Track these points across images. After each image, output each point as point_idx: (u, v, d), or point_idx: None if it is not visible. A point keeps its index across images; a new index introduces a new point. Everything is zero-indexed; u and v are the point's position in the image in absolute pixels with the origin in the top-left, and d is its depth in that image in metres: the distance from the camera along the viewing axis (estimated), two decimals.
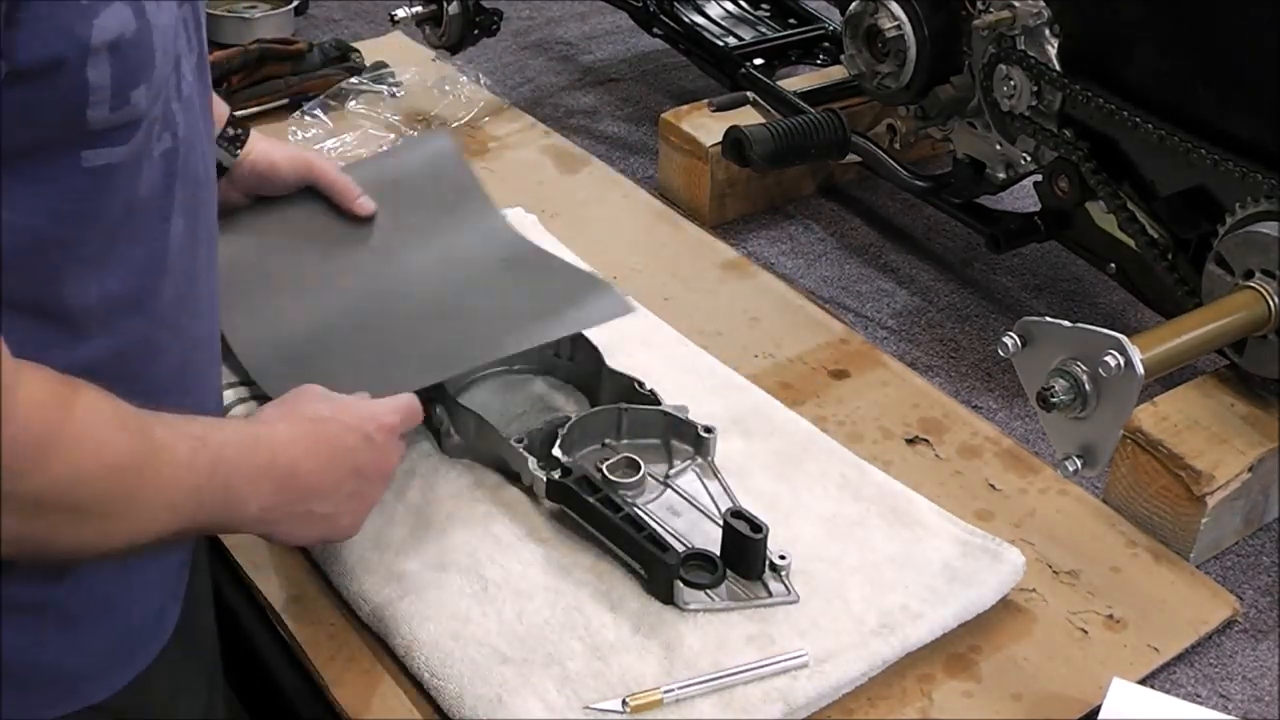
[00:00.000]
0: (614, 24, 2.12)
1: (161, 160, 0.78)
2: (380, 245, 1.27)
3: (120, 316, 0.78)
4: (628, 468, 1.10)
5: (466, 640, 0.99)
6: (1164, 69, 1.26)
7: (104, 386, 0.75)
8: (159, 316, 0.82)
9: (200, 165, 0.85)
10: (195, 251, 0.85)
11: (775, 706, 0.95)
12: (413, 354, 1.18)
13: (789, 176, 1.65)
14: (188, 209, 0.83)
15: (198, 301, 0.87)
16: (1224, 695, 1.05)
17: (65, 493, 0.72)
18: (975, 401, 1.35)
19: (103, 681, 0.85)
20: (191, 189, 0.83)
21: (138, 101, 0.72)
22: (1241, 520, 1.18)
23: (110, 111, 0.71)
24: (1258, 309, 1.12)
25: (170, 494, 0.79)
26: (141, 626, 0.87)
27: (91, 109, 0.70)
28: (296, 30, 2.04)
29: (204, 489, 0.81)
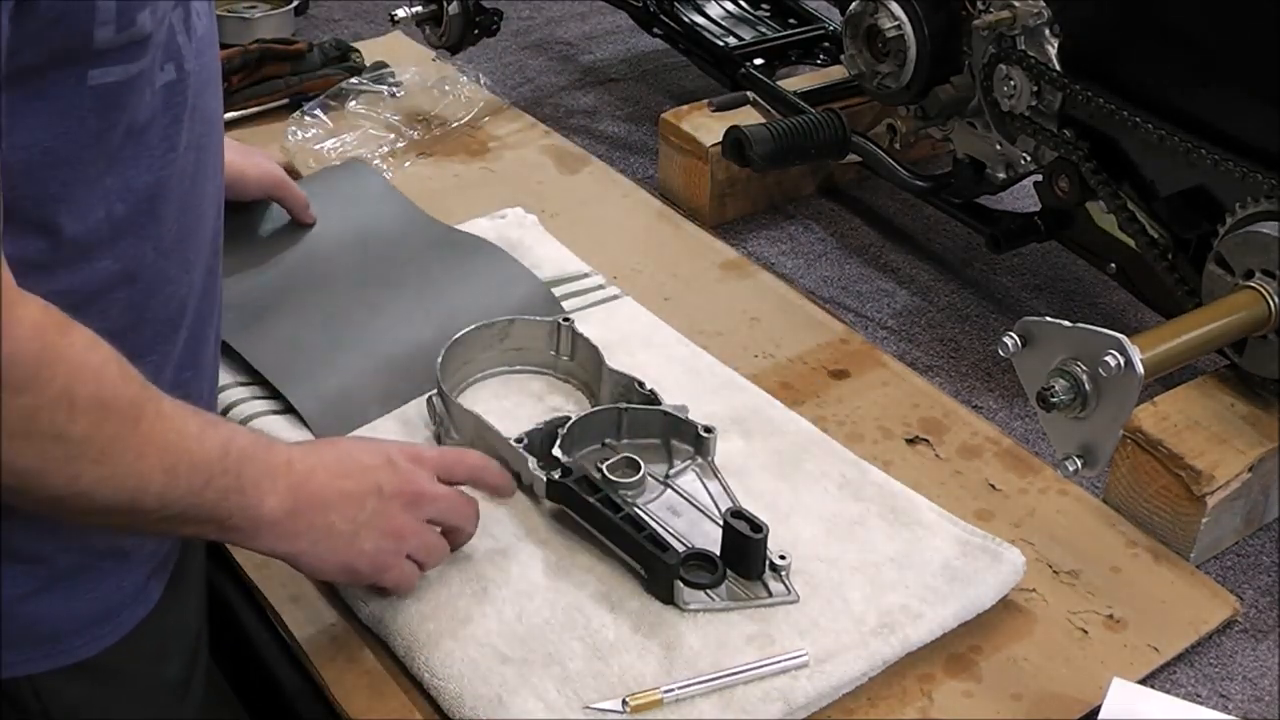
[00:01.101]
0: (614, 24, 2.12)
1: (164, 91, 0.79)
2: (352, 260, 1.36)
3: (124, 240, 0.79)
4: (628, 468, 1.10)
5: (466, 640, 0.99)
6: (1164, 68, 1.26)
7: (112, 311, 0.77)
8: (163, 246, 0.82)
9: (212, 104, 0.86)
10: (203, 189, 0.87)
11: (775, 706, 0.95)
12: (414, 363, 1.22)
13: (789, 176, 1.65)
14: (197, 145, 0.84)
15: (201, 240, 0.88)
16: (1224, 695, 1.05)
17: (57, 417, 0.72)
18: (975, 401, 1.35)
19: (89, 639, 0.85)
20: (202, 127, 0.84)
21: (143, 23, 0.74)
22: (1241, 520, 1.18)
23: (116, 32, 0.72)
24: (1258, 309, 1.12)
25: (169, 457, 0.78)
26: (131, 589, 0.87)
27: (99, 29, 0.71)
28: (296, 30, 2.04)
29: (214, 467, 0.81)
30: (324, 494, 0.90)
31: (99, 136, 0.76)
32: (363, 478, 0.92)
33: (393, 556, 0.95)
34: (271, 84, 1.69)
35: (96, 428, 0.74)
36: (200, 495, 0.81)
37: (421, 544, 0.97)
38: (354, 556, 0.92)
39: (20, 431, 0.71)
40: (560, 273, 1.40)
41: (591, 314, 1.33)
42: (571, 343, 1.24)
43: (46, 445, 0.72)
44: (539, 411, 1.20)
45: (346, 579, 0.96)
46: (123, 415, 0.75)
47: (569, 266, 1.41)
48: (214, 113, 0.88)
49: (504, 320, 1.25)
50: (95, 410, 0.74)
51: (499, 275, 1.34)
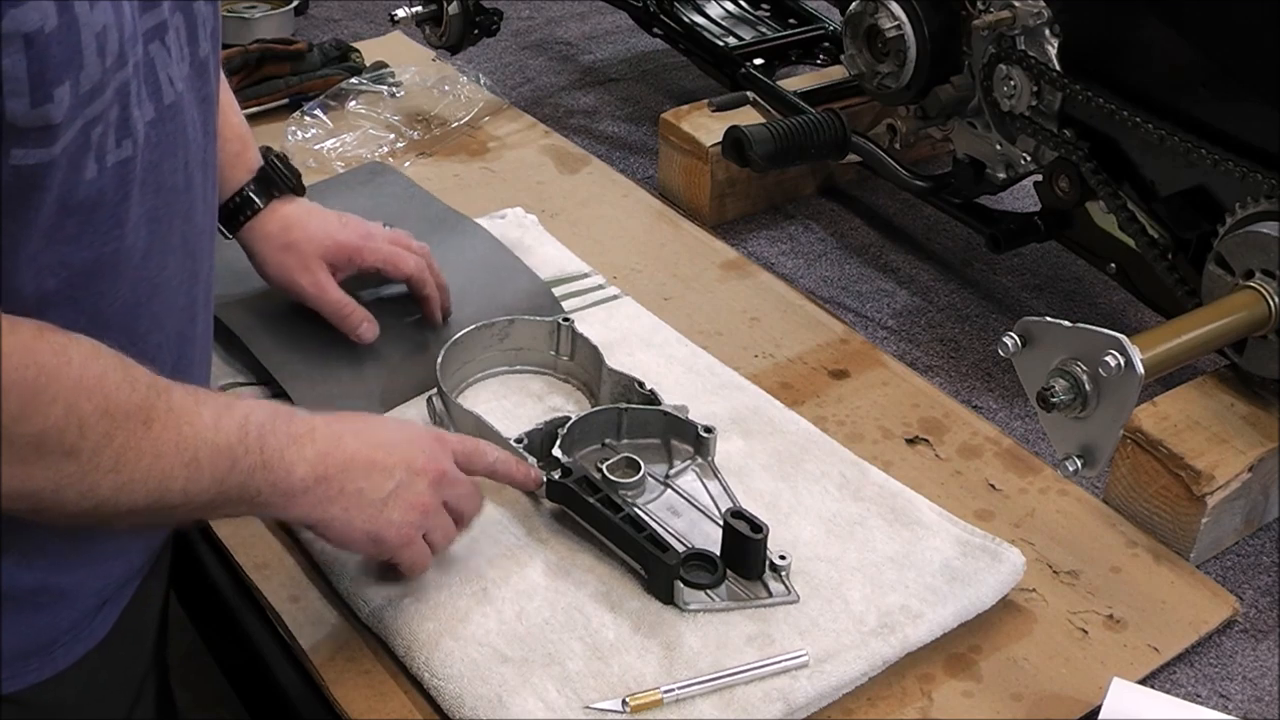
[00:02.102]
0: (614, 24, 2.12)
1: (117, 169, 0.76)
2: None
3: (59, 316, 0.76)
4: (628, 468, 1.10)
5: (466, 640, 0.99)
6: (1164, 68, 1.26)
7: None
8: (105, 321, 0.80)
9: (179, 175, 0.83)
10: (163, 262, 0.84)
11: (775, 706, 0.95)
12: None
13: (789, 176, 1.65)
14: (154, 219, 0.81)
15: (162, 309, 0.85)
16: (1224, 695, 1.05)
17: (66, 437, 0.71)
18: (975, 401, 1.35)
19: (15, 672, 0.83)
20: (165, 198, 0.81)
21: (61, 99, 0.70)
22: (1241, 520, 1.18)
23: (31, 107, 0.69)
24: (1258, 309, 1.12)
25: (187, 452, 0.78)
26: (68, 624, 0.85)
27: (8, 99, 0.68)
28: (296, 30, 2.04)
29: (235, 450, 0.81)
30: (354, 460, 0.89)
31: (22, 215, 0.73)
32: (393, 450, 0.92)
33: (415, 531, 0.95)
34: (271, 84, 1.69)
35: (107, 439, 0.73)
36: (225, 481, 0.81)
37: (439, 524, 0.97)
38: (382, 526, 0.92)
39: (30, 457, 0.71)
40: (560, 273, 1.40)
41: (591, 314, 1.33)
42: (571, 343, 1.24)
43: (59, 465, 0.72)
44: (539, 411, 1.20)
45: (371, 549, 0.95)
46: (132, 421, 0.75)
47: (569, 266, 1.41)
48: (182, 183, 0.84)
49: (504, 320, 1.25)
50: (103, 423, 0.73)
51: (500, 274, 1.34)
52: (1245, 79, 1.19)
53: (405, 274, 1.20)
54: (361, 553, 0.97)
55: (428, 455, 0.95)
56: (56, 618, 0.84)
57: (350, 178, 1.51)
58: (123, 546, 0.88)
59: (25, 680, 0.83)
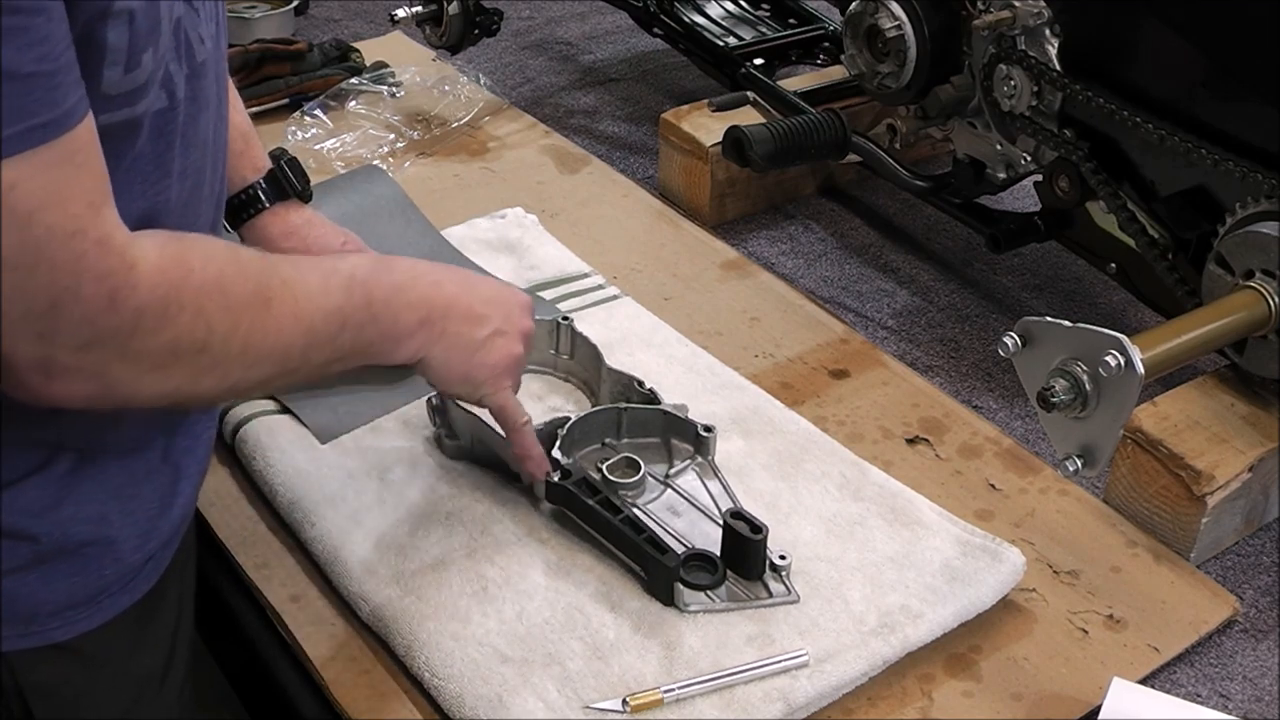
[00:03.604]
0: (614, 24, 2.12)
1: (154, 119, 0.80)
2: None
3: None
4: (628, 467, 1.10)
5: (466, 640, 0.99)
6: (1164, 68, 1.26)
7: None
8: None
9: (209, 130, 0.87)
10: (197, 212, 0.87)
11: (775, 706, 0.95)
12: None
13: (789, 176, 1.65)
14: (191, 172, 0.85)
15: None
16: (1224, 695, 1.05)
17: (195, 336, 0.77)
18: (975, 401, 1.35)
19: (65, 623, 0.85)
20: (197, 153, 0.85)
21: (146, 64, 0.75)
22: (1241, 520, 1.18)
23: (124, 73, 0.74)
24: (1258, 309, 1.12)
25: (304, 321, 0.84)
26: (115, 577, 0.88)
27: (108, 68, 0.73)
28: (296, 30, 2.04)
29: (345, 309, 0.87)
30: (454, 305, 0.95)
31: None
32: (490, 302, 0.98)
33: (506, 378, 1.01)
34: (271, 84, 1.69)
35: (233, 329, 0.79)
36: (339, 338, 0.87)
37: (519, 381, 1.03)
38: (476, 367, 0.98)
39: (167, 360, 0.77)
40: (560, 273, 1.40)
41: (591, 314, 1.33)
42: (571, 342, 1.24)
43: (193, 362, 0.78)
44: (539, 411, 1.20)
45: (464, 389, 1.01)
46: (252, 308, 0.81)
47: (569, 266, 1.41)
48: (211, 137, 0.88)
49: None
50: (227, 316, 0.79)
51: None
52: (1245, 79, 1.19)
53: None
54: (454, 393, 1.03)
55: (520, 313, 1.01)
56: (104, 570, 0.86)
57: (342, 181, 1.50)
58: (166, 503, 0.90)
59: (75, 629, 0.85)
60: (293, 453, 1.14)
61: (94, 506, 0.84)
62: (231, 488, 1.15)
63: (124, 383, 0.77)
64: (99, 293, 0.72)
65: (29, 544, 0.82)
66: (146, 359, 0.76)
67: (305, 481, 1.12)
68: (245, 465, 1.15)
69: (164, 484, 0.89)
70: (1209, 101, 1.21)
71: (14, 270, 0.69)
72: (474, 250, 1.42)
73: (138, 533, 0.88)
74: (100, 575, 0.86)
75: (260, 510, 1.13)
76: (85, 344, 0.73)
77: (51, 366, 0.73)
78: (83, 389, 0.75)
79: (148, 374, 0.77)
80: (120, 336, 0.74)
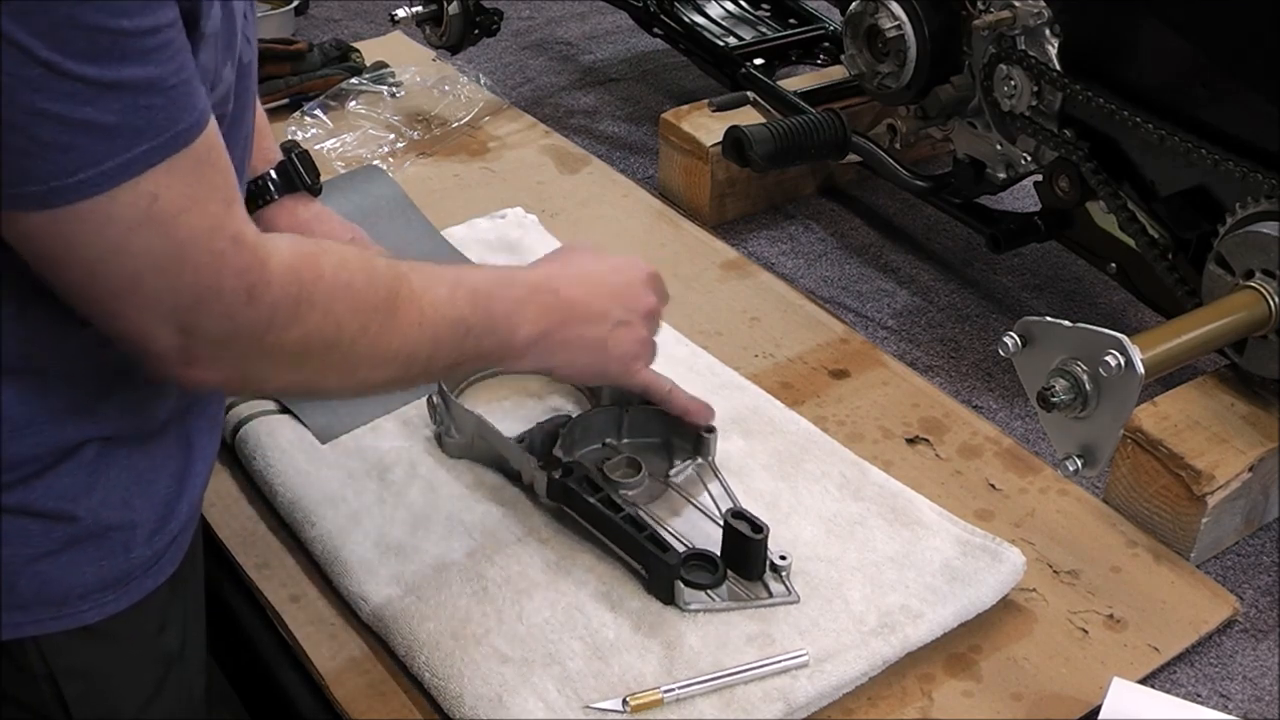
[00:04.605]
0: (614, 24, 2.13)
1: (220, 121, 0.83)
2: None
3: None
4: (628, 467, 1.10)
5: (466, 640, 0.99)
6: (1164, 68, 1.26)
7: None
8: None
9: (248, 127, 0.92)
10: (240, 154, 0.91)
11: (775, 706, 0.95)
12: None
13: (789, 176, 1.65)
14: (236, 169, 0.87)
15: None
16: (1224, 695, 1.05)
17: (325, 338, 0.82)
18: (975, 401, 1.35)
19: (95, 604, 0.86)
20: (239, 151, 0.88)
21: (226, 77, 0.80)
22: (1241, 520, 1.18)
23: (210, 90, 0.77)
24: (1258, 309, 1.12)
25: (429, 328, 0.88)
26: (141, 559, 0.89)
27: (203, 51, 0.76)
28: (296, 30, 2.04)
29: (468, 319, 0.91)
30: (573, 310, 1.00)
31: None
32: (610, 292, 1.03)
33: (635, 362, 1.06)
34: (271, 84, 1.69)
35: (362, 331, 0.84)
36: (461, 346, 0.91)
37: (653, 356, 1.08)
38: (605, 362, 1.03)
39: (298, 355, 0.81)
40: None
41: None
42: None
43: (322, 357, 0.83)
44: (539, 411, 1.20)
45: (599, 381, 1.10)
46: (380, 313, 0.85)
47: None
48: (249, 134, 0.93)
49: None
50: (356, 319, 0.83)
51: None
52: (1245, 79, 1.19)
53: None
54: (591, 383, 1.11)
55: (643, 293, 1.05)
56: (130, 552, 0.87)
57: (342, 181, 1.50)
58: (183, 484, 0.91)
59: (105, 610, 0.86)
60: (293, 453, 1.14)
61: (117, 490, 0.85)
62: (231, 488, 1.15)
63: (257, 373, 0.82)
64: (238, 287, 0.76)
65: (69, 524, 0.83)
66: (279, 352, 0.80)
67: (305, 481, 1.12)
68: (245, 465, 1.15)
69: (180, 466, 0.91)
70: (1209, 101, 1.21)
71: (161, 274, 0.73)
72: (474, 250, 1.42)
73: (156, 515, 0.89)
74: (126, 558, 0.87)
75: (260, 510, 1.13)
76: (224, 338, 0.77)
77: (192, 356, 0.77)
78: (219, 376, 0.80)
79: (279, 367, 0.82)
80: (257, 330, 0.78)
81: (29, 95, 0.66)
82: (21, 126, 0.67)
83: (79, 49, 0.66)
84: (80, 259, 0.72)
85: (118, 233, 0.71)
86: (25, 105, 0.66)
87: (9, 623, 0.83)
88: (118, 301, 0.74)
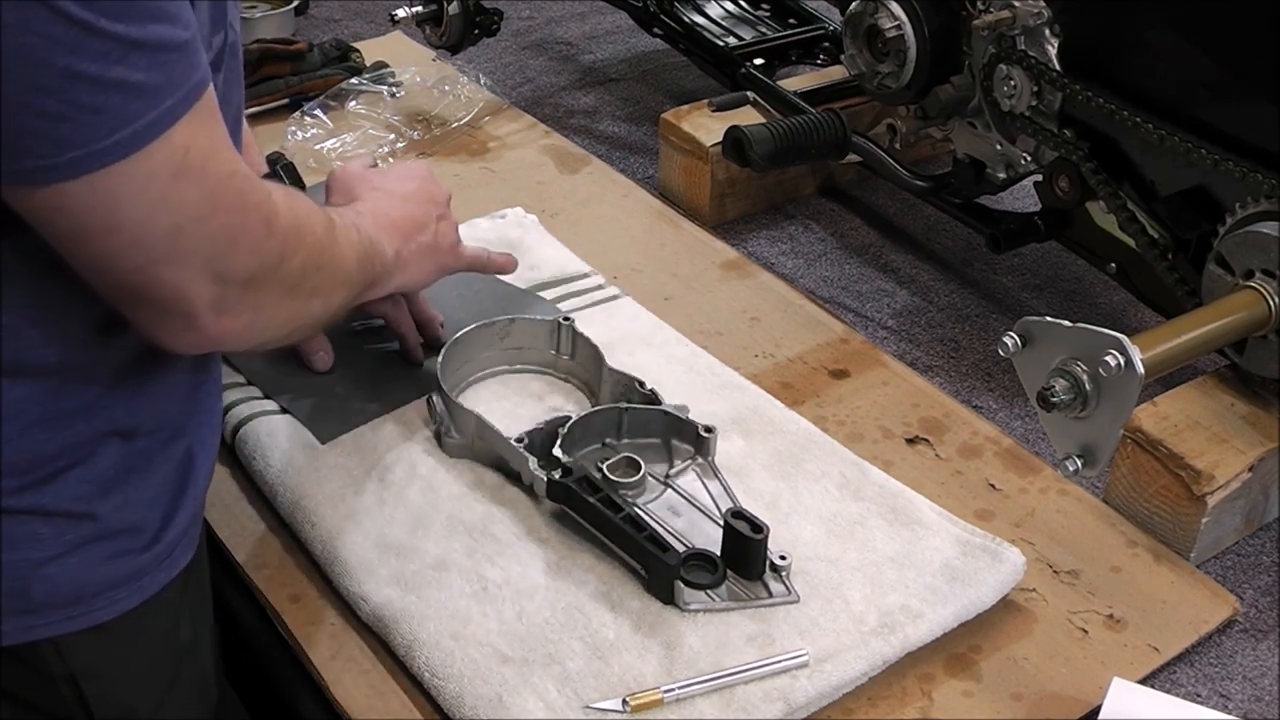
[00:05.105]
0: (614, 24, 2.12)
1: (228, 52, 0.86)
2: None
3: None
4: (628, 467, 1.10)
5: (466, 640, 0.99)
6: (1164, 68, 1.26)
7: None
8: None
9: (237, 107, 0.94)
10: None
11: (775, 706, 0.95)
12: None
13: (789, 176, 1.65)
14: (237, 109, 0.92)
15: None
16: (1224, 695, 1.05)
17: (317, 259, 0.89)
18: (975, 401, 1.35)
19: (109, 602, 0.86)
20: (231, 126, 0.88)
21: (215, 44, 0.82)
22: (1241, 520, 1.18)
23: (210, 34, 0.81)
24: (1258, 309, 1.12)
25: (349, 260, 0.96)
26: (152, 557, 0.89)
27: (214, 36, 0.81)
28: (296, 30, 2.04)
29: (361, 244, 0.99)
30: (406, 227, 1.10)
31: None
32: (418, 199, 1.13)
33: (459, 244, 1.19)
34: (271, 84, 1.69)
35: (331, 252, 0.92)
36: (370, 267, 1.00)
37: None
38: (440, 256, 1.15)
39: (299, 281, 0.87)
40: (560, 273, 1.40)
41: (591, 314, 1.33)
42: (571, 342, 1.24)
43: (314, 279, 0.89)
44: (539, 411, 1.20)
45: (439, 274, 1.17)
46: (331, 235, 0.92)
47: (569, 266, 1.41)
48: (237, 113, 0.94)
49: (504, 320, 1.25)
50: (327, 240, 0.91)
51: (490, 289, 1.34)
52: (1245, 78, 1.19)
53: (378, 314, 1.24)
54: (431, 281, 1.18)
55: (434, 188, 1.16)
56: (143, 549, 0.88)
57: None
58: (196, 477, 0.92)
59: (119, 608, 0.87)
60: (293, 453, 1.14)
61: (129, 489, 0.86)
62: (231, 488, 1.15)
63: (269, 309, 0.86)
64: (258, 220, 0.81)
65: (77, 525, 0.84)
66: (288, 281, 0.86)
67: (305, 481, 1.12)
68: (245, 465, 1.15)
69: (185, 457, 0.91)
70: (1209, 101, 1.21)
71: (199, 222, 0.77)
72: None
73: (164, 511, 0.89)
74: (138, 555, 0.88)
75: (260, 510, 1.13)
76: (251, 276, 0.82)
77: (224, 303, 0.80)
78: (240, 321, 0.83)
79: (287, 298, 0.87)
80: (274, 260, 0.83)
81: (63, 57, 0.67)
82: (55, 90, 0.68)
83: (109, 7, 0.68)
84: (123, 222, 0.74)
85: (158, 188, 0.74)
86: (59, 68, 0.67)
87: (23, 626, 0.83)
88: (157, 264, 0.76)
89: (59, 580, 0.84)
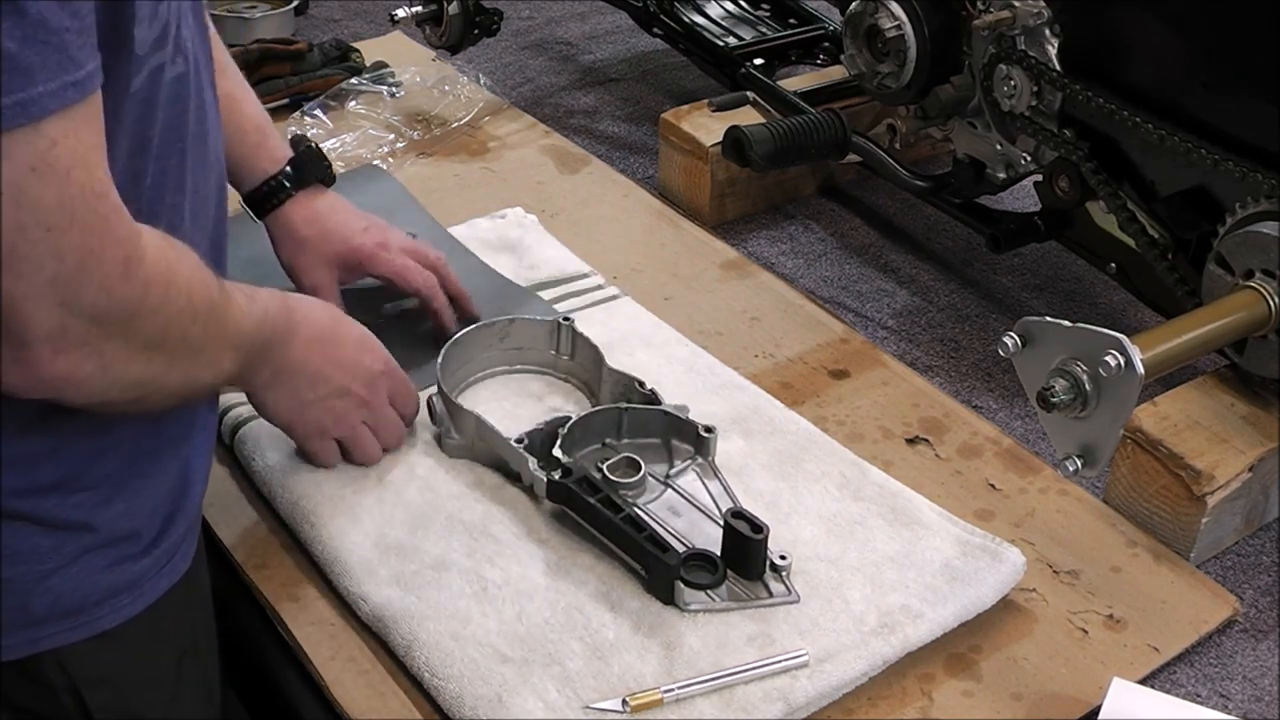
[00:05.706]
0: (614, 24, 2.12)
1: (174, 84, 0.82)
2: None
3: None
4: (628, 467, 1.10)
5: (466, 640, 0.99)
6: (1164, 68, 1.26)
7: None
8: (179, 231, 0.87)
9: (207, 92, 0.90)
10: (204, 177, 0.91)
11: (775, 706, 0.95)
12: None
13: (789, 176, 1.65)
14: (196, 135, 0.87)
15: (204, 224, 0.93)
16: (1224, 695, 1.05)
17: (176, 328, 0.82)
18: (975, 401, 1.35)
19: (111, 610, 0.87)
20: (199, 115, 0.88)
21: (163, 13, 0.78)
22: (1241, 520, 1.18)
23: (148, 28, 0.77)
24: (1258, 309, 1.12)
25: (234, 337, 0.89)
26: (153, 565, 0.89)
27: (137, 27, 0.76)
28: (296, 30, 2.04)
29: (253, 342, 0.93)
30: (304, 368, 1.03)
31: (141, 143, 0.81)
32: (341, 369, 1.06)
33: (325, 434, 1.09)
34: (271, 84, 1.69)
35: (201, 330, 0.84)
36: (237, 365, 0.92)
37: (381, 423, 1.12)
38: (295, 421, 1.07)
39: (158, 342, 0.80)
40: (560, 273, 1.40)
41: (591, 314, 1.33)
42: (571, 342, 1.24)
43: (176, 346, 0.82)
44: (539, 411, 1.20)
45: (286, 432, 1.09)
46: (214, 312, 0.85)
47: (569, 266, 1.41)
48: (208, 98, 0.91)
49: (504, 320, 1.25)
50: (200, 317, 0.84)
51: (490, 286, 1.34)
52: (1245, 78, 1.19)
53: (413, 289, 1.24)
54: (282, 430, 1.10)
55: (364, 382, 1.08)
56: (143, 555, 0.88)
57: (344, 181, 1.50)
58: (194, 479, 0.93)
59: (121, 615, 0.87)
60: (293, 453, 1.14)
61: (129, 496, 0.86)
62: (231, 488, 1.15)
63: (118, 362, 0.78)
64: (117, 257, 0.75)
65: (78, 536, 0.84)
66: (142, 337, 0.79)
67: (305, 481, 1.12)
68: (245, 465, 1.15)
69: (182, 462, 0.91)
70: (1209, 101, 1.21)
71: (50, 230, 0.71)
72: (474, 250, 1.42)
73: (164, 516, 0.89)
74: (139, 561, 0.88)
75: (260, 510, 1.13)
76: (99, 314, 0.75)
77: (64, 338, 0.74)
78: (81, 367, 0.76)
79: (139, 355, 0.79)
80: (129, 308, 0.77)
81: None
82: None
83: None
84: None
85: (11, 175, 0.68)
86: None
87: (28, 639, 0.83)
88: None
89: (61, 592, 0.83)
